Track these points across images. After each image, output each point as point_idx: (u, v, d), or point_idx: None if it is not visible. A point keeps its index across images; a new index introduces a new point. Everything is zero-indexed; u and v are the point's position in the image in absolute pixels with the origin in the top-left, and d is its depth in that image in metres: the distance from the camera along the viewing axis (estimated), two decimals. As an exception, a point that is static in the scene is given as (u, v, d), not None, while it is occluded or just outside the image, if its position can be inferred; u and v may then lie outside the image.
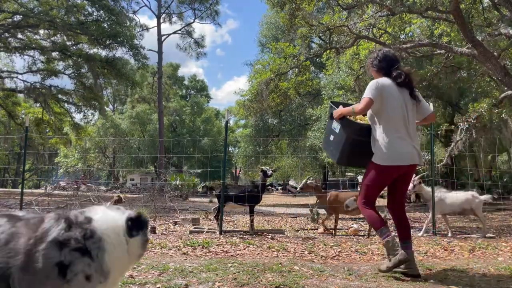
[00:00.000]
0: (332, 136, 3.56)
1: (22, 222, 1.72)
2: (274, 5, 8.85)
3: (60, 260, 1.60)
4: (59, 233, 1.65)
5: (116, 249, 1.70)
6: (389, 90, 3.19)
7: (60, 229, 1.67)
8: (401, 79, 3.22)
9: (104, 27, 19.21)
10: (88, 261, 1.63)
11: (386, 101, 3.16)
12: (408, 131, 3.22)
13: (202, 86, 54.24)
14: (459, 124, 7.67)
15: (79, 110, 22.60)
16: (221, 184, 6.10)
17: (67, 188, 13.12)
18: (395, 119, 3.18)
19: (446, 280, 3.19)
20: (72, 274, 1.60)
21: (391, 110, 3.17)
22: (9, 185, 36.04)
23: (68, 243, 1.63)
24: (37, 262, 1.60)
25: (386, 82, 3.23)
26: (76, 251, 1.62)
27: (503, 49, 8.70)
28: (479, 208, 6.08)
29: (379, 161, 3.19)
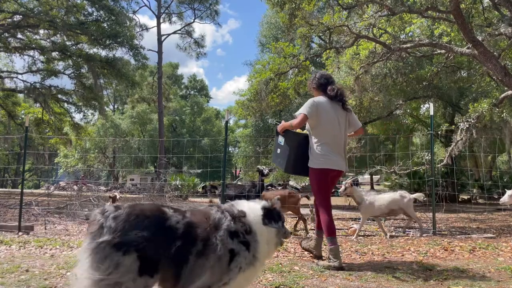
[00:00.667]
0: (279, 149, 4.04)
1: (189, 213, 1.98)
2: (274, 5, 8.82)
3: (232, 248, 1.88)
4: (229, 224, 1.94)
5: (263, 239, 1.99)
6: (324, 107, 3.76)
7: (229, 220, 1.95)
8: (334, 92, 3.80)
9: (104, 27, 19.20)
10: (247, 255, 1.92)
11: (320, 117, 3.73)
12: (339, 142, 3.84)
13: (202, 86, 54.24)
14: (459, 124, 7.66)
15: (79, 110, 22.59)
16: (222, 184, 6.10)
17: (66, 188, 13.11)
18: (327, 132, 3.76)
19: (446, 280, 3.18)
20: (235, 264, 1.89)
21: (324, 124, 3.75)
22: (9, 185, 36.02)
23: (237, 235, 1.93)
24: (213, 247, 1.86)
25: (322, 99, 3.81)
26: (242, 244, 1.93)
27: (503, 49, 8.69)
28: (408, 207, 6.01)
29: (314, 165, 3.79)
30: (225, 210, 2.02)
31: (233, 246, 1.90)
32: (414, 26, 10.42)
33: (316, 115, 3.71)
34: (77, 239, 5.43)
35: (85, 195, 10.87)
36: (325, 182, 3.85)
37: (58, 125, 22.51)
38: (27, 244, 4.93)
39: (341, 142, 3.87)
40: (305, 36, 8.69)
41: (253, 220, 2.01)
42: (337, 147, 3.82)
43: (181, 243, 1.83)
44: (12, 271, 3.40)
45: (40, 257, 4.19)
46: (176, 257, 1.82)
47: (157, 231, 1.82)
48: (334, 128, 3.78)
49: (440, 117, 18.74)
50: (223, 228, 1.92)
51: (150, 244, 1.77)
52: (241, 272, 1.92)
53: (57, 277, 3.23)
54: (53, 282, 3.08)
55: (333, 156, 3.78)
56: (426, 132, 15.83)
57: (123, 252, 1.72)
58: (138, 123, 39.78)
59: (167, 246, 1.82)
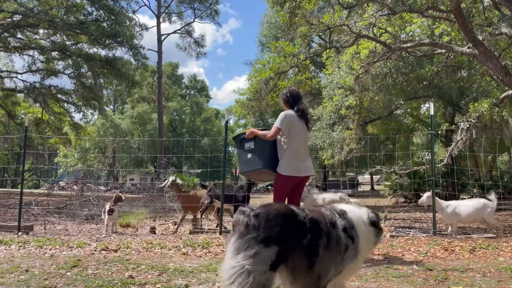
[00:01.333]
0: (250, 154, 4.47)
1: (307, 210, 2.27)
2: (274, 4, 8.80)
3: (345, 243, 2.21)
4: (341, 221, 2.26)
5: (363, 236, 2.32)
6: (293, 120, 4.25)
7: (339, 218, 2.28)
8: (299, 112, 4.32)
9: (104, 27, 19.18)
10: (353, 248, 2.23)
11: (290, 129, 4.22)
12: (305, 151, 4.41)
13: (202, 85, 54.21)
14: (459, 124, 7.64)
15: (78, 110, 22.57)
16: (222, 184, 6.09)
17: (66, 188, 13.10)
18: (295, 142, 4.24)
19: (446, 280, 3.18)
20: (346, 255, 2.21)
21: (293, 135, 4.22)
22: (9, 185, 36.02)
23: (346, 230, 2.24)
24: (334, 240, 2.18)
25: (291, 113, 4.29)
26: (350, 238, 2.23)
27: (503, 49, 8.67)
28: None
29: (282, 171, 4.22)
30: (331, 209, 2.35)
31: (345, 240, 2.21)
32: (415, 26, 10.41)
33: (287, 127, 4.22)
34: (77, 239, 5.42)
35: (85, 195, 10.86)
36: (286, 187, 4.31)
37: (57, 125, 22.50)
38: (27, 244, 4.92)
39: (306, 149, 4.51)
40: (305, 35, 8.68)
41: (353, 217, 2.33)
42: (303, 154, 4.37)
43: (311, 237, 2.12)
44: (12, 271, 3.40)
45: (40, 257, 4.18)
46: (308, 249, 2.10)
47: (292, 227, 2.10)
48: (301, 137, 4.30)
49: (440, 117, 18.71)
50: (338, 224, 2.24)
51: (287, 238, 2.05)
52: (349, 263, 2.23)
53: (57, 277, 3.22)
54: (53, 282, 3.07)
55: (301, 163, 4.25)
56: (426, 132, 15.82)
57: (265, 245, 1.97)
58: (138, 123, 39.75)
59: (300, 240, 2.10)
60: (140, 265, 3.60)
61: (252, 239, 1.99)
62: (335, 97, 12.44)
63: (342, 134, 11.26)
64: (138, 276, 3.25)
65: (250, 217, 2.05)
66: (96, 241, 5.28)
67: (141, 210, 8.35)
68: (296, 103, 4.36)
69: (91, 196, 10.45)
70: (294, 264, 2.08)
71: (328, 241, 2.16)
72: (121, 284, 2.99)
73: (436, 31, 10.20)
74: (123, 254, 4.35)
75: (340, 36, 8.89)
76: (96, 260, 3.89)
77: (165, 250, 4.56)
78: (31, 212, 8.92)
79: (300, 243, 2.09)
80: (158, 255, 4.32)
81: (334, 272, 2.21)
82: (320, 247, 2.13)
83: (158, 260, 3.92)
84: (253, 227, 2.01)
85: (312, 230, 2.14)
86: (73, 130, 23.37)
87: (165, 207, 10.35)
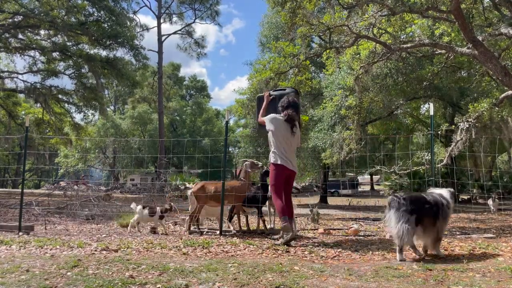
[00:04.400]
0: None
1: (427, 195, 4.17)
2: (275, 4, 8.80)
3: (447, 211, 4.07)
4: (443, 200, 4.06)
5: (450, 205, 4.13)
6: (277, 122, 5.22)
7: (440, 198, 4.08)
8: (287, 117, 5.21)
9: (105, 28, 19.19)
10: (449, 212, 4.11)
11: (275, 128, 5.20)
12: (289, 150, 5.24)
13: (202, 86, 54.22)
14: (459, 124, 7.65)
15: (79, 110, 22.59)
16: (222, 184, 6.07)
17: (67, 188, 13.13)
18: (280, 140, 5.19)
19: (446, 280, 3.18)
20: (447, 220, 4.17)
21: (277, 134, 5.20)
22: (9, 185, 36.05)
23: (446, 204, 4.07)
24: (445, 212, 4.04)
25: (279, 117, 5.26)
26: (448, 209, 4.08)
27: (503, 49, 8.69)
28: None
29: (273, 160, 5.18)
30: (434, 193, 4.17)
31: (447, 209, 4.06)
32: (415, 26, 10.42)
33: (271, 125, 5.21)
34: (77, 239, 5.44)
35: (85, 195, 10.88)
36: (281, 176, 5.18)
37: (58, 125, 22.53)
38: (28, 244, 4.93)
39: (292, 149, 5.28)
40: (305, 35, 8.68)
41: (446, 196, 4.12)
42: (289, 153, 5.21)
43: (435, 209, 4.01)
44: (13, 271, 3.41)
45: (41, 257, 4.19)
46: (434, 216, 3.99)
47: (425, 204, 4.01)
48: (285, 139, 5.19)
49: (440, 117, 18.72)
50: (443, 202, 4.05)
51: (423, 210, 3.95)
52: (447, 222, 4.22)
53: (58, 277, 3.23)
54: (54, 282, 3.08)
55: (287, 160, 5.17)
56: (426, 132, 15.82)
57: (411, 214, 3.87)
58: (138, 123, 39.75)
59: (430, 211, 3.98)
60: (140, 265, 3.61)
61: (404, 211, 3.87)
62: (335, 98, 12.44)
63: (342, 134, 11.27)
64: (139, 276, 3.26)
65: (401, 200, 3.95)
66: (96, 241, 5.29)
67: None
68: (286, 109, 5.20)
69: (91, 196, 10.47)
70: (425, 223, 3.95)
71: (441, 210, 4.01)
72: (122, 284, 3.00)
73: (436, 32, 10.21)
74: (124, 254, 4.37)
75: (340, 36, 8.89)
76: (97, 260, 3.91)
77: (165, 250, 4.57)
78: (31, 212, 8.94)
79: (428, 212, 3.97)
80: (158, 255, 4.34)
81: (445, 227, 4.17)
82: (439, 214, 4.00)
83: (159, 260, 3.93)
84: (403, 205, 3.90)
85: (435, 205, 4.01)
86: (74, 131, 23.39)
87: (166, 207, 10.34)
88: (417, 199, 4.03)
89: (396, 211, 3.87)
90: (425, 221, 3.92)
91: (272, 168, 5.19)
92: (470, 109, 7.83)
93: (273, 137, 5.22)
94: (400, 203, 3.89)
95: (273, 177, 5.20)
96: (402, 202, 3.89)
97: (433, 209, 3.97)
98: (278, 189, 5.18)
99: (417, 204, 3.92)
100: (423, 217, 3.91)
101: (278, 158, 5.13)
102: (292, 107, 5.23)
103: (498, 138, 8.40)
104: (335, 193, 34.69)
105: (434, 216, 3.96)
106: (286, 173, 5.19)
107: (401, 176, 14.02)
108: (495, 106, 7.54)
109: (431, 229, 3.98)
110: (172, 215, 8.92)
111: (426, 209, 3.95)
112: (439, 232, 4.05)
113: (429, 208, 3.95)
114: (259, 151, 21.12)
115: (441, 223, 4.02)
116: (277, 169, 5.15)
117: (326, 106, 13.48)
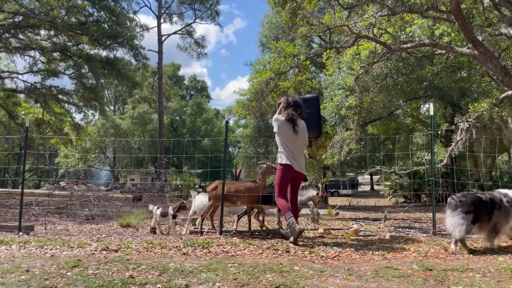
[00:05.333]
0: None
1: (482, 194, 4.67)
2: (276, 4, 8.81)
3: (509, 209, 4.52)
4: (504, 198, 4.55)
5: None
6: (280, 122, 5.24)
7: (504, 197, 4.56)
8: (288, 117, 5.22)
9: (105, 28, 19.18)
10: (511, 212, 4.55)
11: (279, 129, 5.23)
12: (296, 150, 5.22)
13: (202, 86, 54.23)
14: (459, 124, 7.65)
15: (79, 110, 22.59)
16: (222, 185, 6.07)
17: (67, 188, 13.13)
18: (284, 140, 5.23)
19: (446, 280, 3.18)
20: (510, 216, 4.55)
21: (281, 134, 5.25)
22: (9, 185, 36.05)
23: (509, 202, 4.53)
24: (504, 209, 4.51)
25: (281, 118, 5.28)
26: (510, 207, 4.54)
27: (503, 49, 8.69)
28: None
29: (281, 161, 5.21)
30: (499, 193, 4.62)
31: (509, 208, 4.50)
32: (415, 26, 10.42)
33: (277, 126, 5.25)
34: (77, 239, 5.44)
35: (85, 195, 10.88)
36: (286, 176, 5.19)
37: (58, 125, 22.52)
38: (28, 244, 4.93)
39: (297, 149, 5.26)
40: (305, 36, 8.68)
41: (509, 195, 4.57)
42: (295, 153, 5.21)
43: (490, 207, 4.50)
44: (13, 271, 3.41)
45: (41, 257, 4.19)
46: (490, 213, 4.47)
47: (481, 203, 4.51)
48: (290, 139, 5.20)
49: (440, 117, 18.72)
50: (505, 200, 4.52)
51: (479, 209, 4.47)
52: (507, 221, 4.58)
53: (58, 277, 3.23)
54: (54, 282, 3.08)
55: (293, 161, 5.17)
56: (426, 132, 15.82)
57: (466, 214, 4.42)
58: (138, 123, 39.74)
59: (486, 209, 4.48)
60: (140, 265, 3.61)
61: (460, 211, 4.44)
62: (335, 98, 12.44)
63: (342, 135, 11.27)
64: (139, 276, 3.26)
65: (457, 200, 4.53)
66: (96, 241, 5.29)
67: (141, 210, 8.36)
68: (287, 109, 5.25)
69: (91, 196, 10.48)
70: (482, 221, 4.48)
71: (500, 209, 4.47)
72: (122, 284, 3.00)
73: (436, 32, 10.22)
74: (124, 254, 4.37)
75: (340, 36, 8.90)
76: (97, 260, 3.90)
77: (165, 250, 4.57)
78: (31, 212, 8.94)
79: (485, 210, 4.47)
80: (158, 255, 4.34)
81: (505, 224, 4.57)
82: (495, 210, 4.46)
83: (159, 260, 3.93)
84: (460, 206, 4.48)
85: (490, 203, 4.50)
86: (74, 131, 23.38)
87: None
88: (475, 199, 4.53)
89: (453, 211, 4.50)
90: (482, 219, 4.45)
91: (279, 168, 5.25)
92: (470, 109, 7.84)
93: (278, 137, 5.29)
94: (457, 205, 4.50)
95: (279, 177, 5.23)
96: (459, 203, 4.49)
97: (490, 208, 4.47)
98: (281, 189, 5.19)
99: (474, 204, 4.46)
100: (479, 216, 4.43)
101: (284, 158, 5.17)
102: (292, 106, 5.27)
103: (498, 138, 8.40)
104: (335, 193, 34.72)
105: (490, 214, 4.46)
106: (292, 174, 5.19)
107: (401, 176, 14.02)
108: (495, 106, 7.54)
109: (487, 225, 4.52)
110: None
111: (483, 209, 4.46)
112: (497, 227, 4.52)
113: (485, 207, 4.47)
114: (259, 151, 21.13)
115: (498, 219, 4.48)
116: (283, 168, 5.18)
117: (326, 107, 13.49)
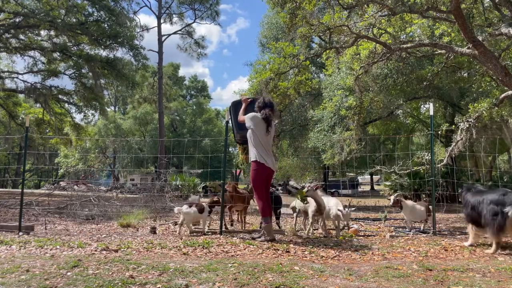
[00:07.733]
0: None
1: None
2: (275, 5, 8.80)
3: None
4: None
5: None
6: (257, 120, 5.30)
7: None
8: (263, 115, 5.32)
9: (105, 28, 19.18)
10: None
11: (255, 126, 5.26)
12: (268, 148, 5.30)
13: (202, 86, 54.26)
14: (459, 124, 7.65)
15: (79, 110, 22.58)
16: (222, 185, 6.08)
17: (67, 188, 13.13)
18: (259, 138, 5.25)
19: (446, 280, 3.18)
20: None
21: (256, 132, 5.27)
22: (9, 185, 36.05)
23: None
24: None
25: (258, 115, 5.35)
26: None
27: (503, 49, 8.68)
28: None
29: (254, 158, 5.18)
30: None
31: None
32: (415, 26, 10.42)
33: (252, 124, 5.27)
34: (77, 239, 5.44)
35: (85, 195, 10.88)
36: (262, 174, 5.20)
37: (58, 126, 22.52)
38: (28, 244, 4.94)
39: (269, 147, 5.35)
40: (305, 36, 8.67)
41: None
42: (267, 150, 5.27)
43: None
44: (13, 271, 3.41)
45: (41, 257, 4.19)
46: None
47: None
48: (264, 137, 5.26)
49: (440, 117, 18.73)
50: None
51: None
52: None
53: (58, 277, 3.23)
54: (54, 282, 3.08)
55: (267, 158, 5.21)
56: (426, 132, 15.82)
57: None
58: (139, 124, 39.76)
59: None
60: (140, 265, 3.62)
61: None
62: (335, 98, 12.44)
63: (342, 135, 11.27)
64: (139, 276, 3.26)
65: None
66: (96, 241, 5.29)
67: (141, 210, 8.36)
68: (264, 109, 5.34)
69: (91, 196, 10.47)
70: None
71: None
72: (122, 284, 3.00)
73: (436, 32, 10.21)
74: (124, 254, 4.37)
75: (340, 36, 8.89)
76: (97, 260, 3.91)
77: (165, 250, 4.57)
78: (31, 212, 8.94)
79: None
80: (158, 255, 4.34)
81: None
82: None
83: (159, 260, 3.93)
84: None
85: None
86: (74, 131, 23.38)
87: (166, 207, 10.35)
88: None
89: None
90: None
91: (254, 167, 5.19)
92: (470, 109, 7.83)
93: (252, 134, 5.27)
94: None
95: (255, 176, 5.20)
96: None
97: None
98: (260, 189, 5.21)
99: None
100: None
101: (258, 155, 5.17)
102: (268, 107, 5.36)
103: (498, 138, 8.40)
104: (335, 193, 34.73)
105: None
106: (267, 172, 5.22)
107: (401, 176, 14.01)
108: (495, 106, 7.54)
109: None
110: (172, 215, 8.91)
111: None
112: None
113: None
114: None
115: None
116: (259, 167, 5.16)
117: (326, 107, 13.48)
